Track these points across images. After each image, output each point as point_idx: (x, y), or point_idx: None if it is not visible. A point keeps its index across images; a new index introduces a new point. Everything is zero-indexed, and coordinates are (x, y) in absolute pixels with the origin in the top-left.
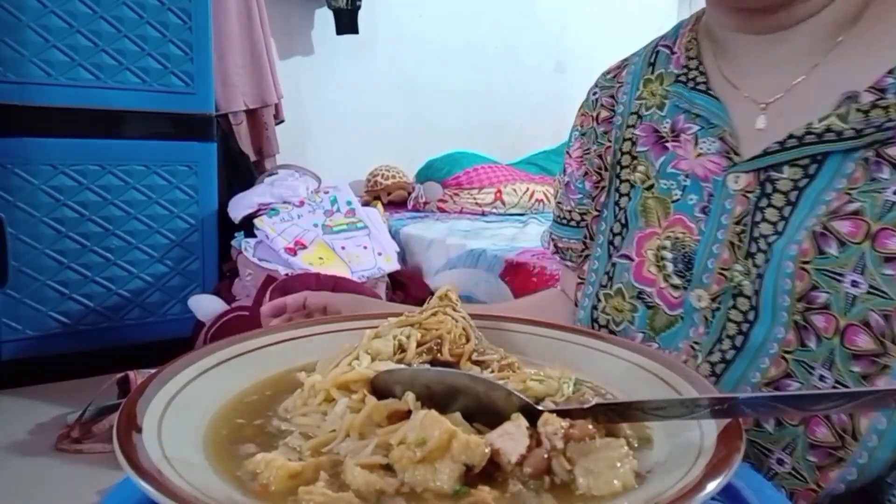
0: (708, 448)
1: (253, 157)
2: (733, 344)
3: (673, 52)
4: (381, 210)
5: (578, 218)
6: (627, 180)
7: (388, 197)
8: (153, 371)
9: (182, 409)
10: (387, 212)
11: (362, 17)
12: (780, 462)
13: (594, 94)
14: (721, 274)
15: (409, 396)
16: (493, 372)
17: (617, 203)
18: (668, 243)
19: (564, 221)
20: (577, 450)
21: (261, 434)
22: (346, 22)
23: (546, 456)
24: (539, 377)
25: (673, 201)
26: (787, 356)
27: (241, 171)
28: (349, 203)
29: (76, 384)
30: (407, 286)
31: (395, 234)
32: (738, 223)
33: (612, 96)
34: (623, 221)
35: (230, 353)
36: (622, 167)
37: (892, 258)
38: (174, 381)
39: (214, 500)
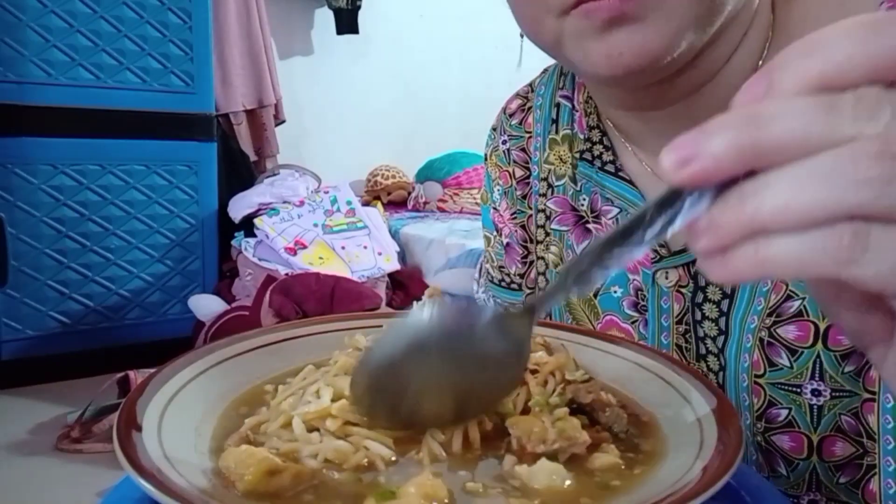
0: (707, 449)
1: (253, 157)
2: None
3: (575, 110)
4: (381, 210)
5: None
6: (542, 258)
7: (388, 197)
8: (153, 371)
9: (182, 409)
10: (387, 212)
11: (362, 17)
12: (814, 502)
13: (503, 142)
14: None
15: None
16: None
17: (536, 282)
18: None
19: (515, 287)
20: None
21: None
22: (346, 22)
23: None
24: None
25: (594, 294)
26: None
27: (241, 171)
28: (349, 203)
29: (76, 384)
30: (407, 286)
31: (395, 234)
32: (679, 322)
33: (524, 149)
34: (549, 311)
35: (230, 352)
36: (537, 242)
37: (849, 353)
38: (174, 381)
39: (214, 500)
